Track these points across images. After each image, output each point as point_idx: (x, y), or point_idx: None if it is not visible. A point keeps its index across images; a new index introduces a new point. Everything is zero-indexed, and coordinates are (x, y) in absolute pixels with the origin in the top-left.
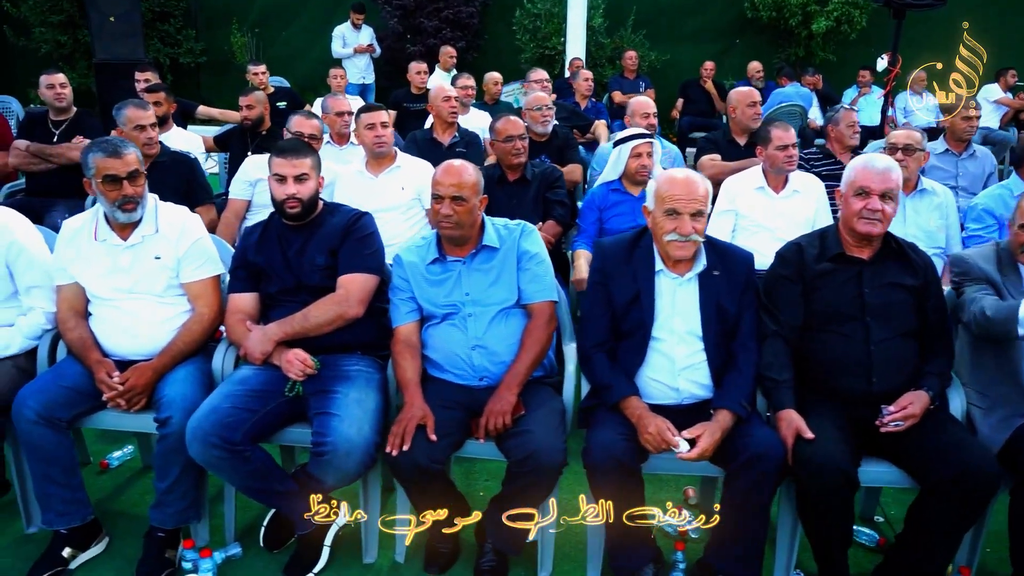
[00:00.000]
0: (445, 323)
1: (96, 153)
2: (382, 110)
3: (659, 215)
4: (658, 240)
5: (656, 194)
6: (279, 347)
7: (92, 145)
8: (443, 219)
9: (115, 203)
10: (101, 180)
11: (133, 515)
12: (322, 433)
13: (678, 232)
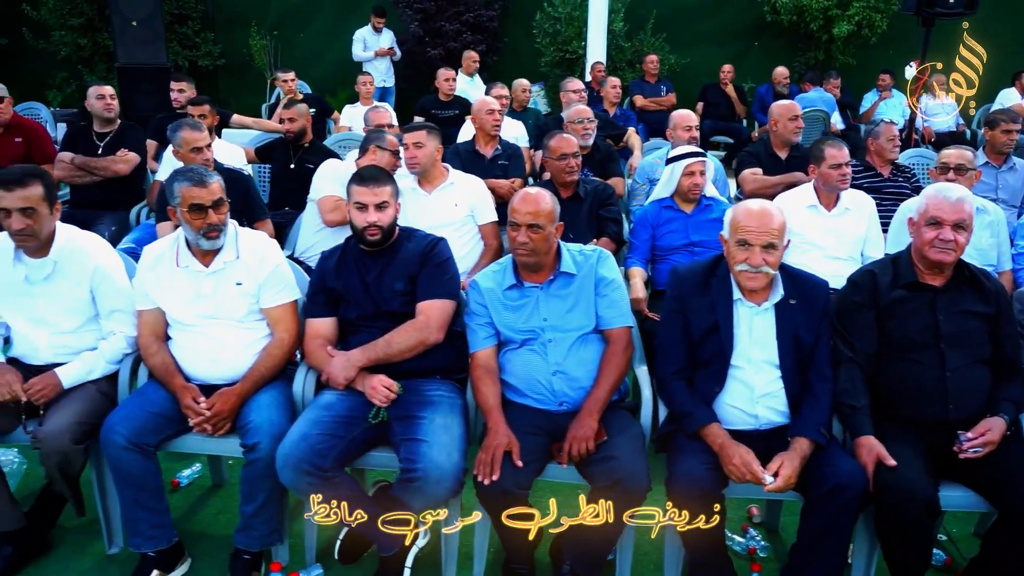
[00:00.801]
0: (524, 348)
1: (181, 182)
2: (420, 131)
3: (732, 244)
4: (732, 269)
5: (731, 223)
6: (361, 373)
7: (177, 174)
8: (519, 246)
9: (200, 231)
10: (187, 209)
11: (210, 535)
12: (412, 459)
13: (748, 263)
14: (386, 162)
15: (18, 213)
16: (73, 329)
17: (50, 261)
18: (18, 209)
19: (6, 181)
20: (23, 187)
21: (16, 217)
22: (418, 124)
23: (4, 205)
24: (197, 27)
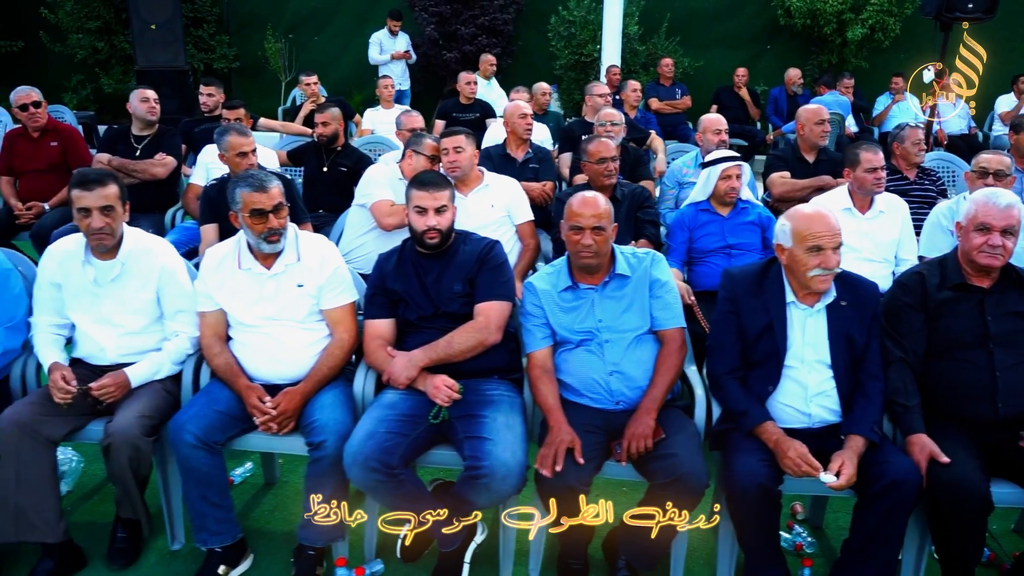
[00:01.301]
0: (580, 349)
1: (243, 187)
2: (460, 135)
3: (800, 252)
4: (798, 275)
5: (795, 233)
6: (422, 373)
7: (238, 179)
8: (583, 249)
9: (261, 235)
10: (248, 213)
11: (267, 532)
12: (477, 457)
13: (823, 267)
14: (421, 167)
15: (98, 212)
16: (139, 330)
17: (118, 263)
18: (99, 208)
19: (87, 181)
20: (102, 186)
21: (96, 216)
22: (458, 129)
23: (85, 204)
24: (212, 30)
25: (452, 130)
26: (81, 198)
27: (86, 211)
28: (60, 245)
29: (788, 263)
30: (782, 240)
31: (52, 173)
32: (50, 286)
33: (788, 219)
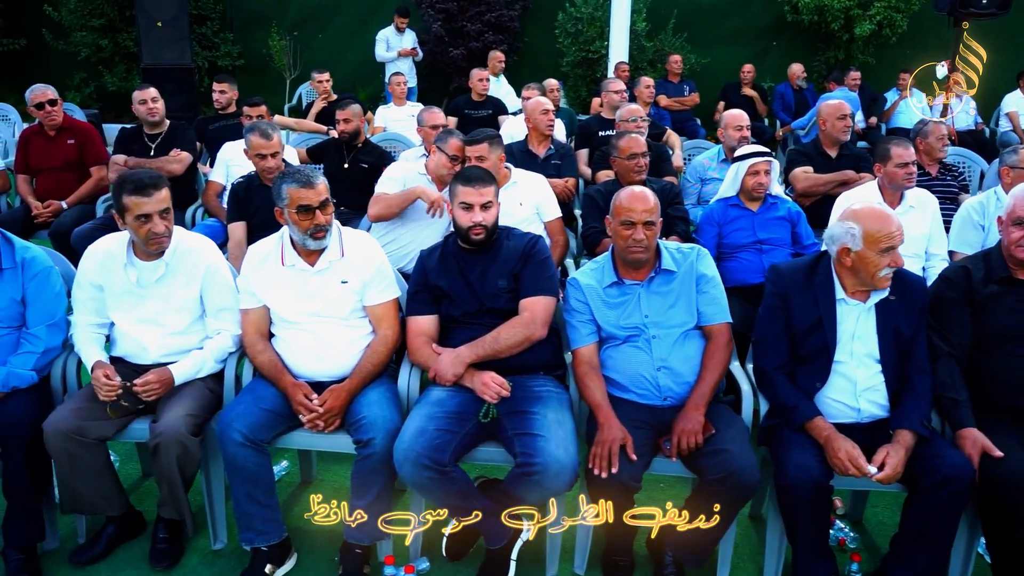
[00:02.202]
0: (627, 345)
1: (289, 183)
2: (483, 143)
3: (872, 254)
4: (864, 274)
5: (866, 235)
6: (469, 369)
7: (285, 176)
8: (634, 244)
9: (307, 232)
10: (295, 210)
11: (307, 531)
12: (529, 454)
13: (892, 266)
14: (443, 164)
15: (158, 216)
16: (182, 329)
17: (162, 263)
18: (159, 212)
19: (145, 186)
20: (158, 190)
21: (158, 220)
22: (481, 135)
23: (146, 211)
24: (216, 27)
25: (475, 137)
26: (140, 204)
27: (146, 217)
28: (101, 246)
29: (855, 265)
30: (847, 243)
31: (69, 171)
32: (90, 286)
33: (856, 221)
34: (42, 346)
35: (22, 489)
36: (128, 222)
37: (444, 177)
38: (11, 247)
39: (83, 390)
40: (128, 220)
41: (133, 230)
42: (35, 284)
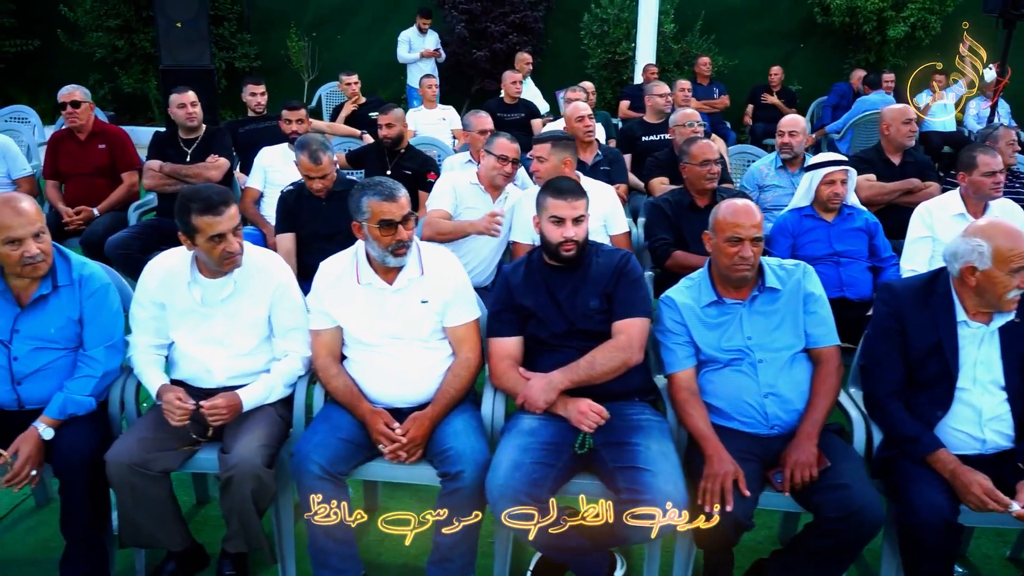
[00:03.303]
0: (729, 369)
1: (371, 196)
2: (546, 143)
3: (1002, 274)
4: (991, 295)
5: (997, 254)
6: (562, 396)
7: (366, 188)
8: (740, 262)
9: (388, 248)
10: (376, 224)
11: (379, 563)
12: (637, 490)
13: (1023, 287)
14: (491, 166)
15: (232, 234)
16: (249, 350)
17: (230, 281)
18: (232, 230)
19: (215, 204)
20: (228, 206)
21: (231, 238)
22: (546, 135)
23: (220, 230)
24: (233, 28)
25: (540, 136)
26: (213, 224)
27: (220, 237)
28: (162, 263)
29: (980, 285)
30: (973, 261)
31: (100, 177)
32: (151, 305)
33: (984, 238)
34: (101, 369)
35: (83, 524)
36: (200, 244)
37: (496, 180)
38: (68, 263)
39: (145, 418)
40: (200, 242)
41: (206, 252)
42: (93, 303)
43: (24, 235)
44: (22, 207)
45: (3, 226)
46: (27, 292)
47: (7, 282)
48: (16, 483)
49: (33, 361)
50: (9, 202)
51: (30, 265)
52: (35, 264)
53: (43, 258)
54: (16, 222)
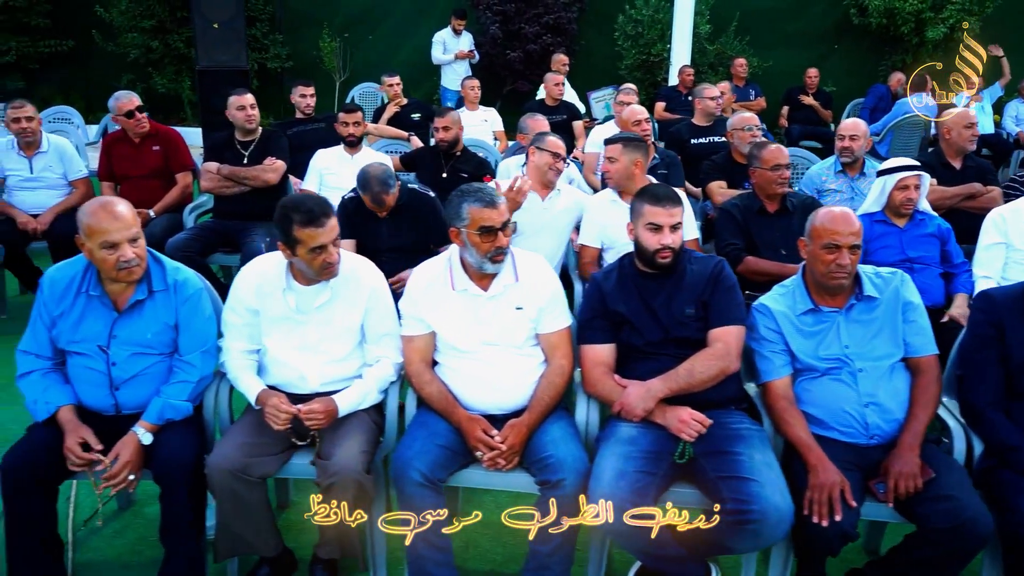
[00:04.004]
0: (827, 378)
1: (471, 203)
2: (617, 144)
3: None
4: None
5: None
6: (660, 404)
7: (465, 194)
8: (838, 269)
9: (487, 255)
10: (476, 231)
11: (466, 569)
12: (743, 500)
13: None
14: (544, 163)
15: (332, 245)
16: (343, 356)
17: (326, 288)
18: (332, 241)
19: (316, 216)
20: (328, 217)
21: (332, 249)
22: (618, 136)
23: (321, 241)
24: (265, 29)
25: (613, 137)
26: (315, 236)
27: (321, 248)
28: (256, 269)
29: None
30: None
31: (155, 179)
32: (245, 311)
33: None
34: (197, 374)
35: (184, 532)
36: (300, 255)
37: (547, 176)
38: (162, 268)
39: (241, 423)
40: (301, 253)
41: (306, 262)
42: (188, 308)
43: (120, 239)
44: (119, 211)
45: (100, 230)
46: (123, 297)
47: (104, 287)
48: (114, 484)
49: (131, 366)
50: (106, 206)
51: (125, 269)
52: (130, 268)
53: (138, 262)
54: (113, 226)
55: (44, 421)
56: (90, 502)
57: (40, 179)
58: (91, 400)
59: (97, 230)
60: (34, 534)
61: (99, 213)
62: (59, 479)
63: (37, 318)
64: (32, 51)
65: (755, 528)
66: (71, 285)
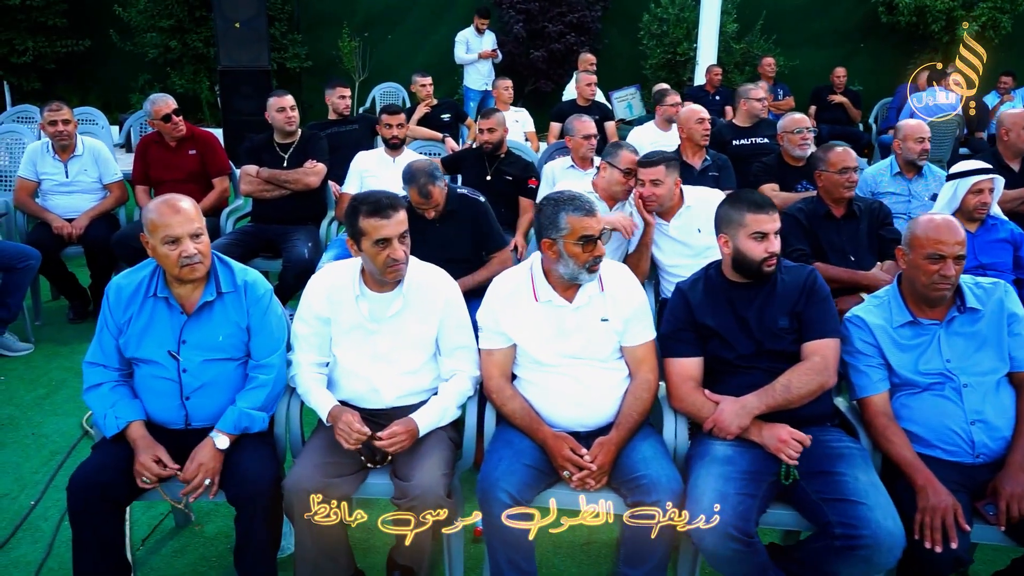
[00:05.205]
0: (929, 394)
1: (570, 212)
2: (659, 166)
3: None
4: None
5: None
6: (756, 422)
7: (561, 203)
8: (941, 280)
9: (585, 265)
10: (577, 241)
11: None
12: (852, 525)
13: None
14: (616, 180)
15: (398, 240)
16: (415, 368)
17: (400, 296)
18: (399, 235)
19: (383, 207)
20: (396, 210)
21: (397, 244)
22: (657, 156)
23: (386, 234)
24: (284, 28)
25: (650, 159)
26: (380, 227)
27: (385, 241)
28: (327, 276)
29: None
30: None
31: (191, 183)
32: (316, 320)
33: None
34: (273, 375)
35: (260, 555)
36: (365, 248)
37: (616, 194)
38: (230, 270)
39: (316, 441)
40: (365, 246)
41: (370, 257)
42: (259, 309)
43: (182, 234)
44: (180, 206)
45: (162, 224)
46: (191, 300)
47: (171, 289)
48: (193, 493)
49: (202, 373)
50: (168, 201)
51: (188, 266)
52: (192, 265)
53: (200, 259)
54: (174, 220)
55: (112, 438)
56: (145, 519)
57: (75, 183)
58: (160, 413)
59: (159, 225)
60: (104, 558)
61: (161, 208)
62: (128, 499)
63: (103, 327)
64: (49, 51)
65: (866, 554)
66: (138, 290)
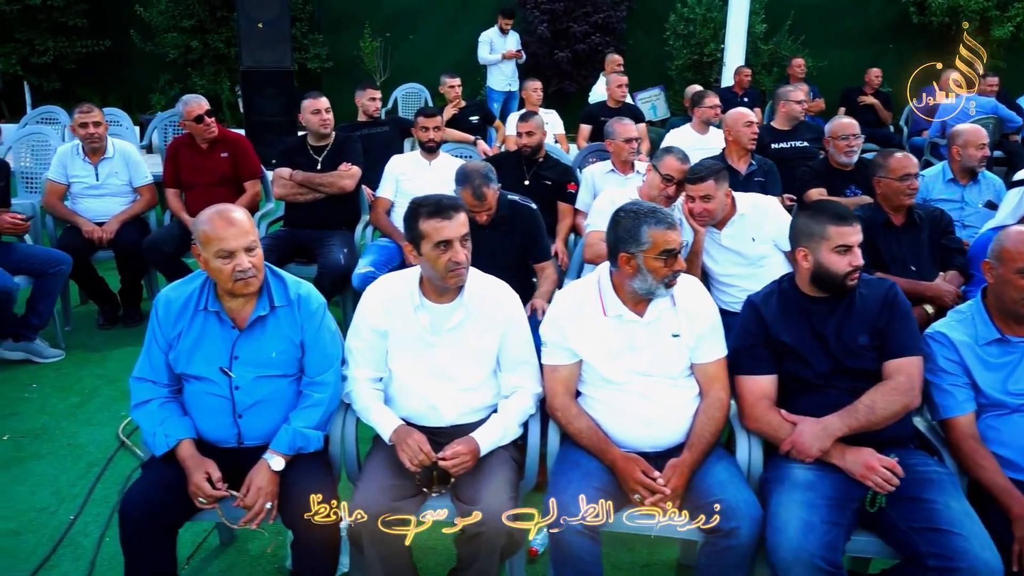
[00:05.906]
0: (1020, 415)
1: (653, 226)
2: (708, 180)
3: None
4: None
5: None
6: (837, 445)
7: (642, 216)
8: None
9: (664, 279)
10: (659, 255)
11: None
12: (948, 556)
13: None
14: (655, 184)
15: (459, 243)
16: (475, 384)
17: (461, 307)
18: (460, 238)
19: (444, 208)
20: (458, 212)
21: (458, 247)
22: (704, 170)
23: (446, 236)
24: (304, 29)
25: (698, 174)
26: (441, 229)
27: (447, 244)
28: (384, 286)
29: None
30: None
31: (223, 186)
32: (372, 334)
33: None
34: (328, 393)
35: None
36: (425, 252)
37: (656, 200)
38: (283, 283)
39: (377, 461)
40: (425, 249)
41: (431, 261)
42: (313, 323)
43: (236, 247)
44: (234, 217)
45: (216, 237)
46: (243, 314)
47: (222, 303)
48: (253, 520)
49: (255, 390)
50: (222, 212)
51: (242, 280)
52: (247, 280)
53: (254, 273)
54: (228, 233)
55: (162, 457)
56: (188, 536)
57: (105, 186)
58: (211, 431)
59: (212, 237)
60: None
61: (214, 220)
62: (181, 520)
63: (152, 341)
64: (69, 51)
65: None
66: (188, 303)
